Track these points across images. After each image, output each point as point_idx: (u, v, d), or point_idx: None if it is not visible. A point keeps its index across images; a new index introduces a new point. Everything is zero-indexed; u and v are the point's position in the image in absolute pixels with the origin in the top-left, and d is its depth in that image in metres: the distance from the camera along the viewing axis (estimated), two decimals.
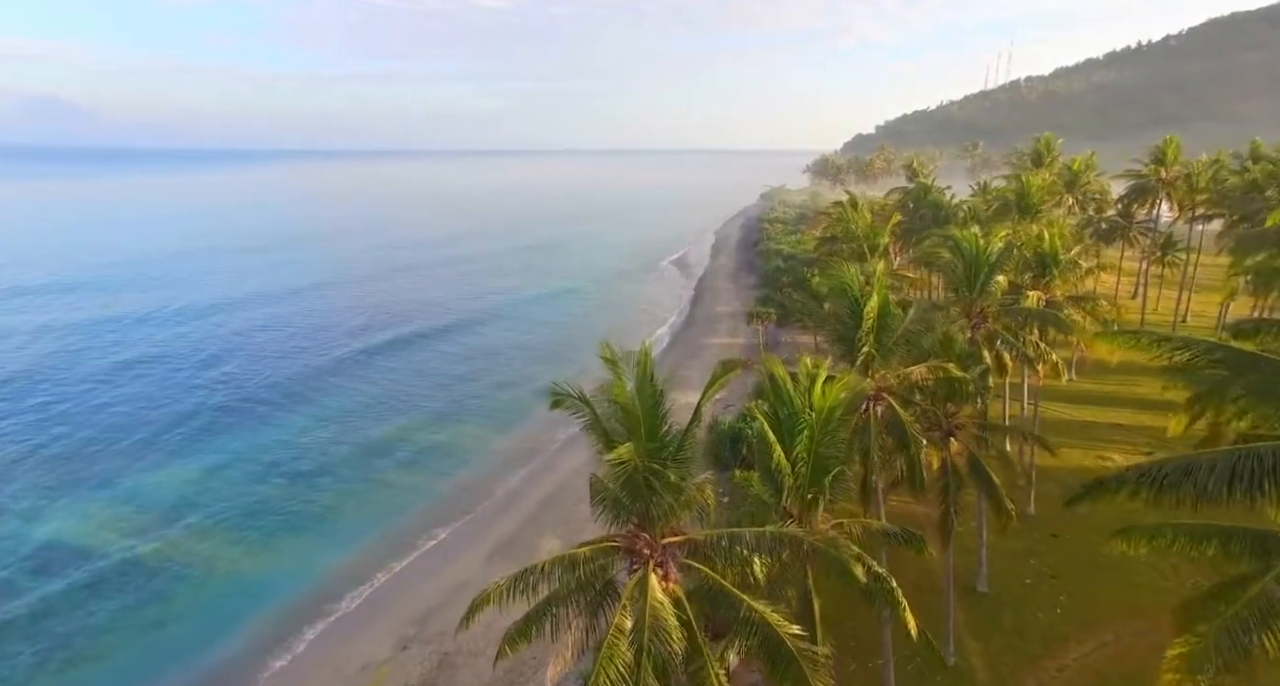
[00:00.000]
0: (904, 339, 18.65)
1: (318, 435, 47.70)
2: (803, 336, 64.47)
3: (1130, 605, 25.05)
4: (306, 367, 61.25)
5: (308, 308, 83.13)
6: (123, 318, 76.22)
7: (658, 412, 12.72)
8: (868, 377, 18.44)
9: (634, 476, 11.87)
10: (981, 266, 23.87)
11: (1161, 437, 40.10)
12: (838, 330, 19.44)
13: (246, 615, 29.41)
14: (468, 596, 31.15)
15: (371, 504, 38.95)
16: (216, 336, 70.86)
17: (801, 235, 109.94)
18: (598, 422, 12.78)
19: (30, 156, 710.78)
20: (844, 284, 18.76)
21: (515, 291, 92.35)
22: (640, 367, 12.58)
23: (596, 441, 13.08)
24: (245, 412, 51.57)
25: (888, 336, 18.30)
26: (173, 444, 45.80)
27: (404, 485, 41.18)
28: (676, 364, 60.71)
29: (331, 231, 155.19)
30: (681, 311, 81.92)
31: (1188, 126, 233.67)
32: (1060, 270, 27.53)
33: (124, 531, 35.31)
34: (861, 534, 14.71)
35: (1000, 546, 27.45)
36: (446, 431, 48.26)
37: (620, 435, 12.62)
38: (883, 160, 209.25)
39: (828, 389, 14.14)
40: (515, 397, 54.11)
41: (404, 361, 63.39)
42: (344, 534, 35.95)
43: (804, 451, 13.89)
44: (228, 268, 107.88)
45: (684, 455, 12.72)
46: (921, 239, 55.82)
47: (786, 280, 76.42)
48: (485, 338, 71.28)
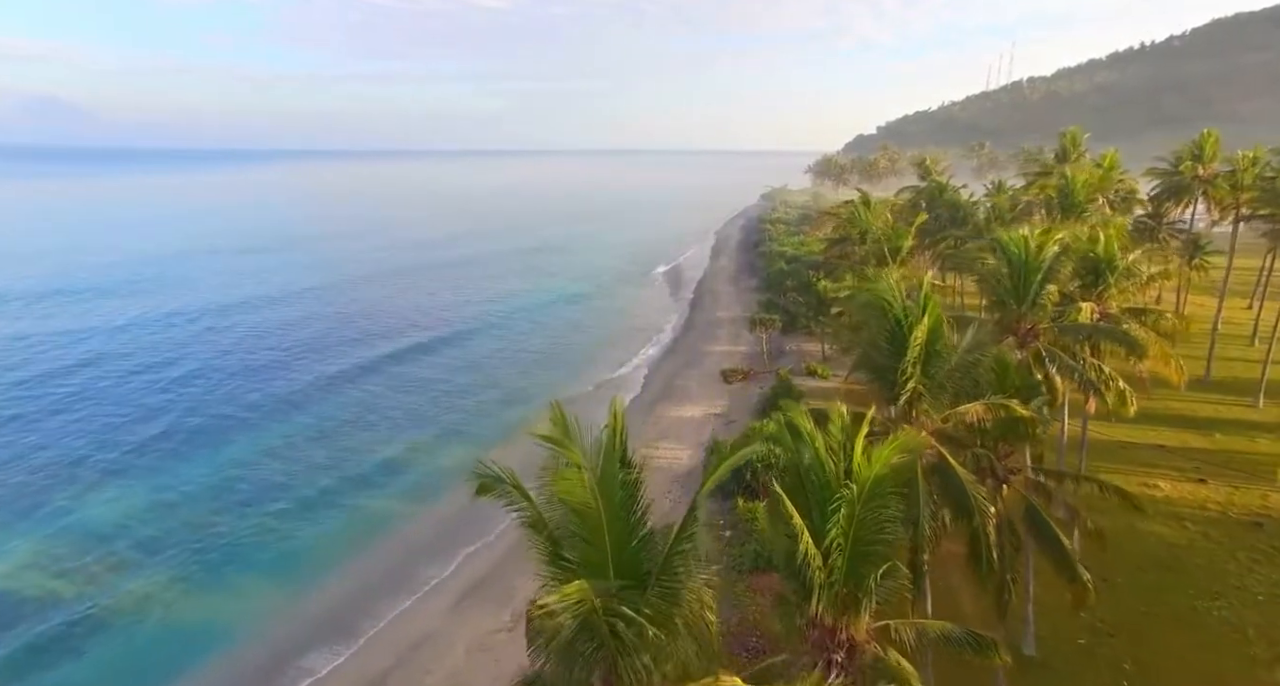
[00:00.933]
0: (959, 370, 14.70)
1: (288, 454, 43.79)
2: (808, 343, 60.62)
3: (1211, 675, 21.14)
4: (286, 379, 57.21)
5: (298, 313, 78.89)
6: (100, 327, 71.65)
7: (631, 515, 8.68)
8: (913, 420, 14.50)
9: (592, 619, 7.90)
10: (1032, 274, 20.02)
11: (1211, 461, 36.32)
12: (871, 358, 15.43)
13: (177, 676, 25.47)
14: (429, 656, 27.56)
15: (336, 534, 35.03)
16: (199, 343, 66.74)
17: (805, 236, 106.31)
18: (541, 524, 8.80)
19: (29, 156, 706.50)
20: (881, 299, 14.71)
21: (512, 297, 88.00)
22: (609, 441, 8.60)
23: (540, 552, 9.02)
24: (210, 428, 47.63)
25: (938, 367, 14.41)
26: (120, 463, 41.88)
27: (374, 512, 37.26)
28: (674, 373, 56.87)
29: (329, 232, 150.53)
30: (680, 315, 78.00)
31: (1192, 127, 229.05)
32: (1116, 277, 23.63)
33: (44, 567, 31.38)
34: (915, 640, 10.86)
35: (1046, 596, 23.57)
36: (424, 451, 44.20)
37: (578, 538, 8.67)
38: (887, 159, 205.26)
39: (874, 451, 10.24)
40: (501, 414, 50.07)
41: (388, 373, 58.91)
42: (301, 572, 32.03)
43: (840, 536, 10.04)
44: (223, 270, 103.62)
45: (673, 582, 8.62)
46: (939, 241, 52.17)
47: (791, 284, 72.70)
48: (477, 348, 66.65)
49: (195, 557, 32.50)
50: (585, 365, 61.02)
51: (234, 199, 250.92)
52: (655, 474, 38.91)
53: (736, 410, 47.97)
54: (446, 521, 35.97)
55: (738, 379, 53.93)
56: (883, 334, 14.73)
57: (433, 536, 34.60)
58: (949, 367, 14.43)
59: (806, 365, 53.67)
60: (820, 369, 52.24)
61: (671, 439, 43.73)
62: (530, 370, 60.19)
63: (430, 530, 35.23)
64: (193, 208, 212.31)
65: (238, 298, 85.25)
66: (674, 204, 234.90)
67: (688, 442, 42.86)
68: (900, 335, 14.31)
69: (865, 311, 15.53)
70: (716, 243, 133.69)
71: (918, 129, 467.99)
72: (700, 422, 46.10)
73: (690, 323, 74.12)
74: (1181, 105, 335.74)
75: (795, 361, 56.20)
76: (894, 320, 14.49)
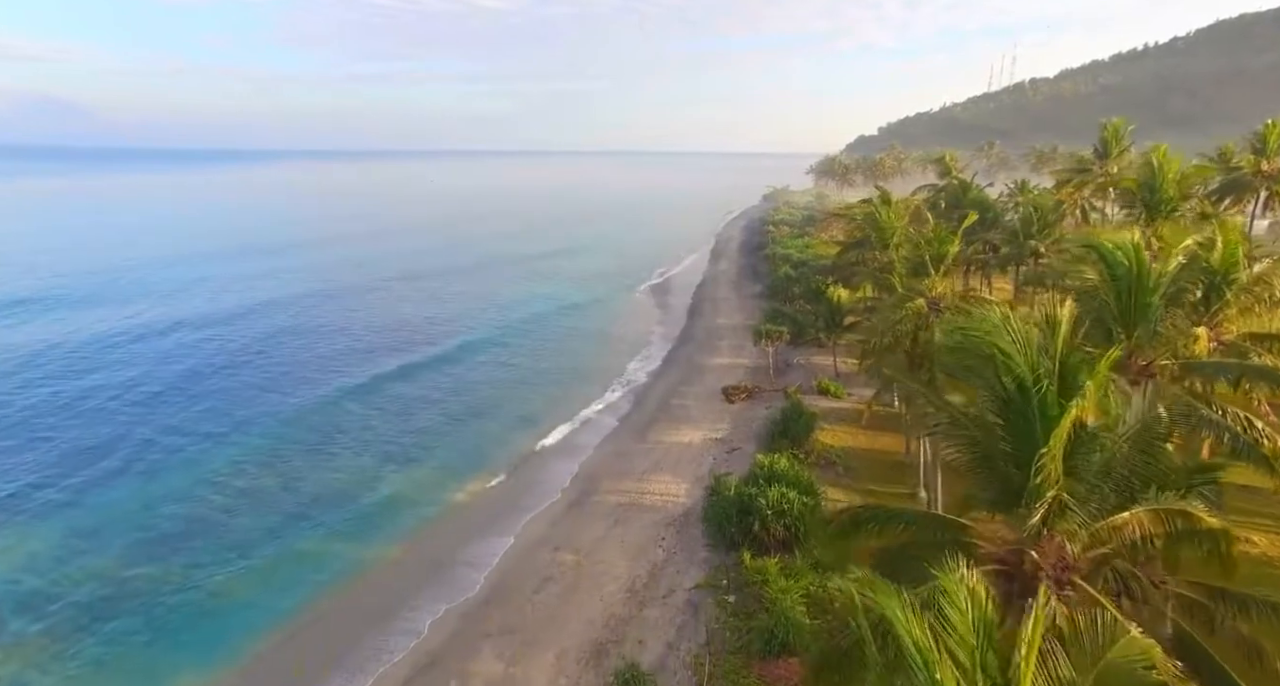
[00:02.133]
0: (1125, 463, 9.26)
1: (233, 484, 38.38)
2: (818, 356, 55.18)
3: None
4: (249, 398, 51.56)
5: (277, 325, 72.77)
6: (62, 342, 65.66)
7: None
8: (1044, 541, 9.09)
9: None
10: (1148, 294, 14.69)
11: None
12: (968, 435, 9.99)
13: None
14: None
15: (270, 590, 29.54)
16: (167, 359, 60.75)
17: (810, 238, 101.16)
18: None
19: (29, 156, 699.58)
20: (993, 347, 9.04)
21: (511, 307, 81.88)
22: None
23: None
24: (146, 454, 42.20)
25: (1087, 461, 9.03)
26: (29, 494, 36.40)
27: (318, 558, 31.78)
28: (670, 391, 51.43)
29: (324, 237, 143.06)
30: (678, 324, 72.53)
31: (1198, 128, 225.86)
32: (1236, 293, 18.19)
33: None
34: None
35: None
36: (389, 486, 38.47)
37: None
38: (893, 159, 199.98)
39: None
40: (483, 443, 44.27)
41: (366, 394, 52.19)
42: (224, 643, 26.55)
43: None
44: (212, 275, 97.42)
45: None
46: (967, 244, 46.73)
47: (798, 290, 67.41)
48: (473, 363, 60.43)
49: (87, 625, 27.01)
50: (574, 381, 55.63)
51: (233, 200, 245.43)
52: (645, 515, 33.53)
53: (740, 434, 42.58)
54: (406, 574, 30.59)
55: (740, 397, 48.50)
56: (991, 399, 9.32)
57: (390, 593, 29.15)
58: (1105, 459, 9.06)
59: (818, 382, 48.28)
60: (833, 387, 46.86)
61: (666, 470, 38.32)
62: (516, 389, 54.65)
63: (387, 585, 29.79)
64: (190, 208, 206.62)
65: (215, 309, 79.36)
66: (674, 205, 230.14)
67: (685, 475, 37.44)
68: (1027, 409, 8.83)
69: (960, 358, 10.17)
70: (716, 245, 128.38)
71: (919, 130, 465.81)
72: (699, 450, 40.69)
73: (688, 332, 68.69)
74: (1188, 106, 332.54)
75: (804, 377, 50.79)
76: (1014, 382, 9.00)
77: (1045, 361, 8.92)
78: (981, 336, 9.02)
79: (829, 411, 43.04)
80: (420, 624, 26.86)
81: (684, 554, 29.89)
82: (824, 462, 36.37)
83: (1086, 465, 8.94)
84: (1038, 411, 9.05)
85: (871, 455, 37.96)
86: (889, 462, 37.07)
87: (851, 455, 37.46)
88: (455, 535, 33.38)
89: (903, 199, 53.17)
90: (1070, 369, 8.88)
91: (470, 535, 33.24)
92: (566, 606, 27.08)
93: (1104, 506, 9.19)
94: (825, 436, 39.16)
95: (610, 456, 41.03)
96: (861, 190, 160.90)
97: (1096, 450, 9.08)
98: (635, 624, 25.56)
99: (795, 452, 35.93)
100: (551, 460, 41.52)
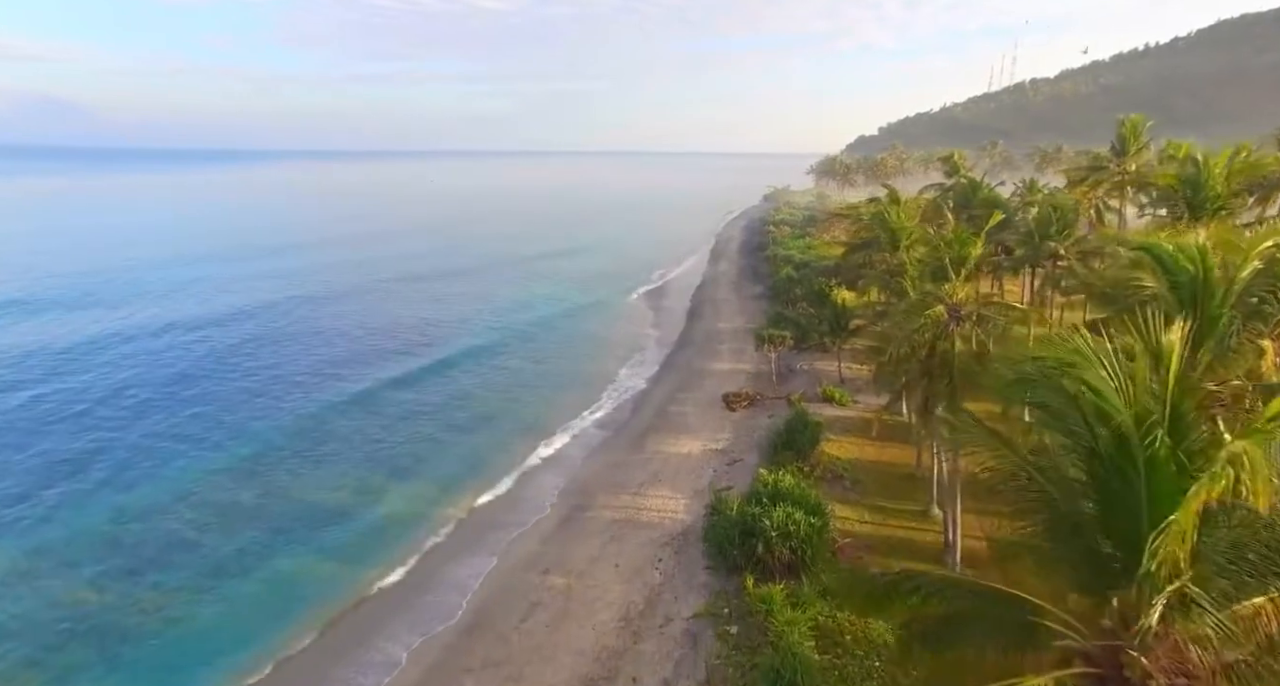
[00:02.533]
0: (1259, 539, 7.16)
1: (210, 497, 36.46)
2: (822, 362, 53.26)
3: None
4: (238, 404, 49.58)
5: (272, 328, 70.54)
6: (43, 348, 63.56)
7: None
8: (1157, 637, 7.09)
9: None
10: (1217, 307, 12.73)
11: None
12: (1054, 513, 7.57)
13: None
14: None
15: (237, 617, 27.60)
16: (157, 362, 58.71)
17: (812, 239, 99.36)
18: None
19: (29, 156, 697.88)
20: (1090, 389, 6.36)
21: (509, 309, 79.73)
22: None
23: None
24: (126, 465, 40.25)
25: (1210, 537, 6.96)
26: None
27: (291, 581, 29.86)
28: (668, 397, 49.48)
29: (323, 238, 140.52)
30: (676, 328, 70.59)
31: (1200, 128, 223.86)
32: None
33: None
34: None
35: None
36: (371, 501, 36.46)
37: None
38: (895, 159, 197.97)
39: None
40: (474, 453, 42.28)
41: (356, 401, 49.76)
42: (182, 676, 24.65)
43: None
44: (210, 276, 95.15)
45: None
46: None
47: (800, 293, 65.50)
48: (469, 367, 58.22)
49: (39, 659, 25.07)
50: (568, 388, 53.70)
51: (232, 200, 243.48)
52: (641, 533, 31.57)
53: (741, 445, 40.65)
54: (384, 598, 28.69)
55: (742, 405, 46.57)
56: (1076, 449, 7.14)
57: (365, 620, 27.25)
58: (1236, 535, 7.06)
59: (822, 389, 46.32)
60: (838, 394, 44.91)
61: (664, 483, 36.36)
62: (510, 396, 52.69)
63: (364, 611, 27.89)
64: (188, 208, 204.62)
65: (209, 310, 77.22)
66: (674, 205, 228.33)
67: (684, 489, 35.50)
68: (1126, 468, 6.55)
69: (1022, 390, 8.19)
70: (716, 245, 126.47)
71: (920, 130, 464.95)
72: (699, 461, 38.76)
73: (687, 336, 66.73)
74: (1190, 106, 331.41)
75: (808, 383, 48.86)
76: (1113, 432, 6.64)
77: (1152, 403, 6.89)
78: (1063, 368, 6.94)
79: (834, 420, 41.12)
80: (397, 655, 24.94)
81: (682, 577, 27.95)
82: (830, 476, 34.46)
83: (1212, 544, 6.91)
84: (1143, 471, 6.91)
85: (880, 467, 36.04)
86: (899, 475, 35.14)
87: (859, 467, 35.53)
88: (438, 555, 31.46)
89: (912, 198, 51.19)
90: (1184, 415, 6.86)
91: (454, 554, 31.31)
92: (555, 636, 25.16)
93: (1227, 596, 7.25)
94: (831, 447, 37.25)
95: (605, 468, 39.09)
96: (862, 190, 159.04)
97: (1224, 525, 7.08)
98: (629, 658, 23.62)
99: (800, 466, 34.02)
100: (543, 472, 39.57)
